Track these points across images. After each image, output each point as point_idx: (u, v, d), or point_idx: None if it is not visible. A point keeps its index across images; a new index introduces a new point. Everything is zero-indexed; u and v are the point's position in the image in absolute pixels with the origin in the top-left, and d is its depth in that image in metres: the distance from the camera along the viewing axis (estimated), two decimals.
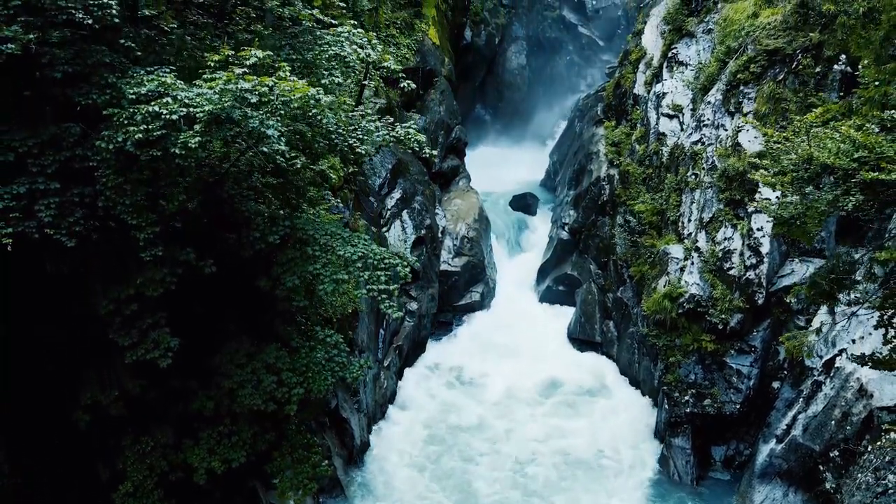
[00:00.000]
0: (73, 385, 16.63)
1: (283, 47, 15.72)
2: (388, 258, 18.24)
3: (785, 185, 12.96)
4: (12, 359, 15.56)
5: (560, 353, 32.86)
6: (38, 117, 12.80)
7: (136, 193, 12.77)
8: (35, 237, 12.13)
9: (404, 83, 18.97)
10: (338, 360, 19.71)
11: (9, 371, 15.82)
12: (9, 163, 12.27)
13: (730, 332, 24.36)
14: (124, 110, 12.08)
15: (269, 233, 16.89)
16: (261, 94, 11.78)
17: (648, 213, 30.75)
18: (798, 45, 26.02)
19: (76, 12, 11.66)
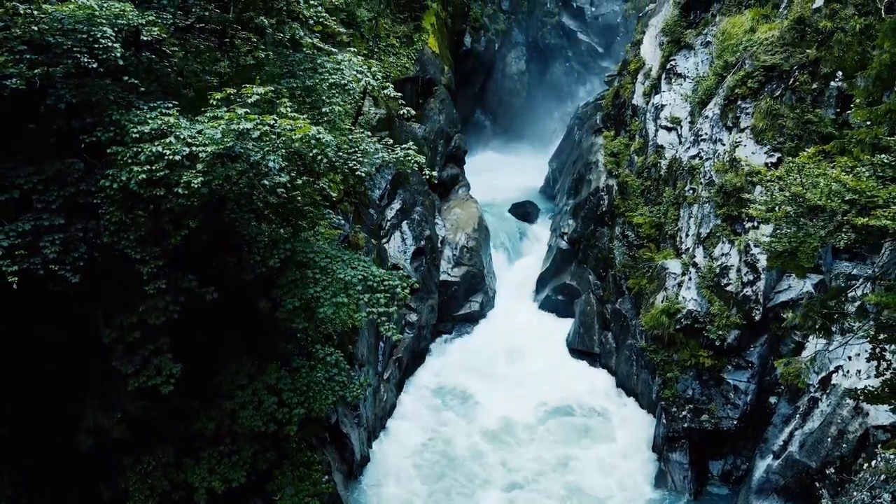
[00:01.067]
0: (76, 407, 16.79)
1: (283, 75, 15.87)
2: (387, 279, 18.41)
3: (779, 219, 13.12)
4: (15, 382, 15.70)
5: (559, 365, 33.00)
6: (43, 152, 12.98)
7: (140, 228, 12.95)
8: (40, 273, 12.31)
9: (403, 110, 18.99)
10: (338, 378, 19.91)
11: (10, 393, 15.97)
12: (14, 199, 12.44)
13: (727, 348, 24.53)
14: (128, 149, 12.25)
15: (269, 256, 17.06)
16: (262, 133, 11.93)
17: (647, 225, 30.93)
18: (795, 62, 26.17)
19: (81, 56, 11.83)
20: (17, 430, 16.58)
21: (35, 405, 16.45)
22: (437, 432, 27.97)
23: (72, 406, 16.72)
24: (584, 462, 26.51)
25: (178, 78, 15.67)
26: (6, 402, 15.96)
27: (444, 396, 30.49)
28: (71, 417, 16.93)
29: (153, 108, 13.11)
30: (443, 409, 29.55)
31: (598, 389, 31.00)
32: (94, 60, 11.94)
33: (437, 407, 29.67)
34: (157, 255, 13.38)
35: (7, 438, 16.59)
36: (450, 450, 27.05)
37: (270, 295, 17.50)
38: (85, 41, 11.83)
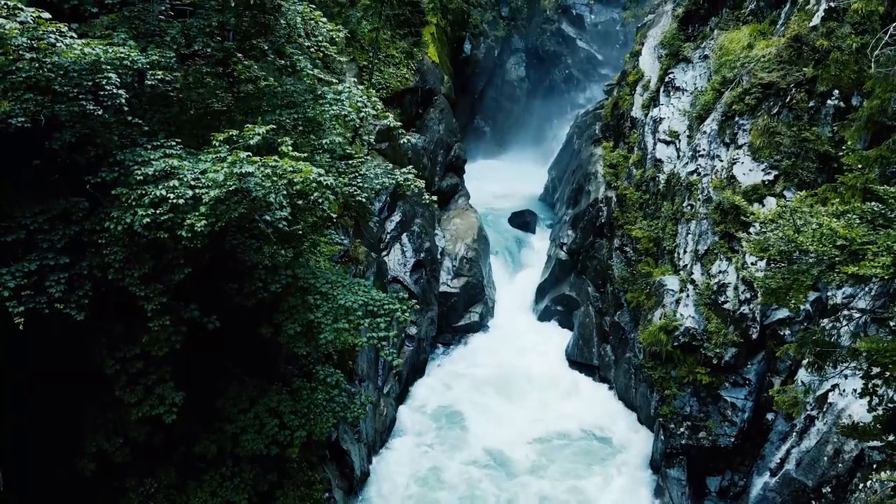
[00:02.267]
0: (78, 433, 16.96)
1: (284, 105, 16.04)
2: (387, 303, 18.59)
3: (772, 257, 13.30)
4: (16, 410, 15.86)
5: (558, 378, 33.14)
6: (48, 188, 13.16)
7: (144, 266, 13.14)
8: (45, 312, 12.50)
9: (404, 139, 19.16)
10: (339, 399, 20.13)
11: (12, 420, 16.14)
12: (20, 239, 12.63)
13: (724, 365, 24.69)
14: (132, 190, 12.44)
15: (270, 282, 17.24)
16: (265, 176, 12.10)
17: (645, 239, 31.09)
18: (792, 80, 26.30)
19: (87, 104, 12.01)
20: (19, 455, 16.75)
21: (37, 431, 16.62)
22: (438, 451, 28.06)
23: (74, 431, 16.89)
24: (582, 478, 26.67)
25: (179, 107, 15.82)
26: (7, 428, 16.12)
27: (442, 412, 30.54)
28: (73, 442, 17.11)
29: (157, 146, 13.29)
30: (442, 425, 29.63)
31: (596, 403, 31.17)
32: (99, 108, 12.13)
33: (437, 422, 29.79)
34: (161, 291, 13.58)
35: (9, 462, 16.78)
36: (449, 467, 27.15)
37: (272, 320, 17.68)
38: (90, 88, 12.02)
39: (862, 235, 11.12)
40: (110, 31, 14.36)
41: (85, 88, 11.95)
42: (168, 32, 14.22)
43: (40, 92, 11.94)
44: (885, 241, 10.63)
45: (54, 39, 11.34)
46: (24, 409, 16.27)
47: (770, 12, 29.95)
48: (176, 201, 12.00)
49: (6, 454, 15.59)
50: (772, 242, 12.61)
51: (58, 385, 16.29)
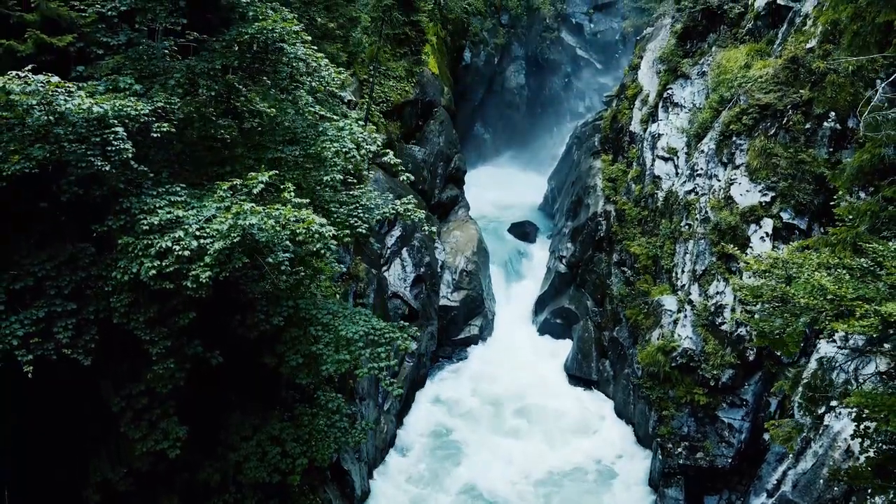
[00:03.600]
0: (83, 464, 17.19)
1: (286, 141, 16.28)
2: (388, 332, 18.78)
3: (765, 303, 13.52)
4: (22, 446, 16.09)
5: (557, 394, 33.32)
6: (55, 231, 13.40)
7: (149, 311, 13.38)
8: (53, 358, 12.75)
9: (403, 177, 19.39)
10: (339, 425, 20.35)
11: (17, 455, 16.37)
12: (28, 287, 12.88)
13: (721, 386, 24.94)
14: (139, 240, 12.69)
15: (272, 314, 17.46)
16: (268, 227, 12.35)
17: (644, 256, 31.33)
18: (789, 101, 26.51)
19: (94, 159, 12.25)
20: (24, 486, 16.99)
21: (42, 464, 16.84)
22: (437, 469, 28.26)
23: (79, 463, 17.12)
24: (580, 495, 26.91)
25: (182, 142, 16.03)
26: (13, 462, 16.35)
27: (439, 438, 30.44)
28: (78, 473, 17.34)
29: (161, 194, 13.52)
30: (441, 445, 29.69)
31: (595, 420, 31.39)
32: (107, 163, 12.37)
33: (436, 440, 29.98)
34: (166, 335, 13.82)
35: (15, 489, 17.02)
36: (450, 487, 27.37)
37: (274, 351, 17.91)
38: (98, 144, 12.26)
39: (852, 291, 11.36)
40: (115, 74, 14.60)
41: (93, 144, 12.20)
42: (173, 75, 14.44)
43: (48, 142, 12.16)
44: (874, 295, 10.86)
45: (63, 100, 11.55)
46: (28, 447, 16.49)
47: (767, 32, 30.16)
48: (181, 253, 12.26)
49: (11, 487, 15.83)
50: (764, 291, 12.87)
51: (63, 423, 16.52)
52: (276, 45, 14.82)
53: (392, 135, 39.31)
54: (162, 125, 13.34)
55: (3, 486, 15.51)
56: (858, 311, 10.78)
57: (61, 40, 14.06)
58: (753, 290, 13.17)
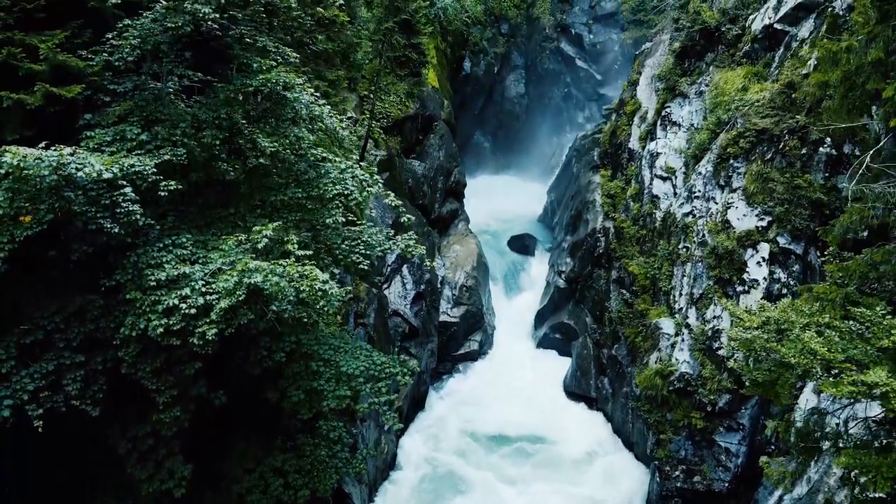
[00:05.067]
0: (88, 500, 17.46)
1: (288, 184, 16.56)
2: (389, 366, 19.07)
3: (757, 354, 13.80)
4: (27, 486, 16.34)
5: (556, 411, 33.58)
6: (63, 281, 13.68)
7: (156, 361, 13.68)
8: (62, 410, 13.03)
9: (404, 218, 19.66)
10: (340, 455, 20.63)
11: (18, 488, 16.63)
12: (38, 340, 13.16)
13: (718, 411, 25.23)
14: (146, 296, 12.97)
15: (275, 350, 17.72)
16: (272, 284, 12.65)
17: (642, 276, 31.60)
18: (785, 126, 26.79)
19: (104, 221, 12.52)
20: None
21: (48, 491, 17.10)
22: (437, 491, 28.51)
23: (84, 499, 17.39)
24: None
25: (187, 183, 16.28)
26: None
27: (440, 460, 30.61)
28: None
29: (168, 246, 13.78)
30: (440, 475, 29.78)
31: (594, 439, 31.61)
32: (116, 225, 12.65)
33: (435, 466, 30.11)
34: (172, 384, 14.11)
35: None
36: None
37: (277, 386, 18.19)
38: (108, 206, 12.54)
39: (840, 352, 11.64)
40: (122, 122, 14.87)
41: (102, 206, 12.48)
42: (179, 125, 14.71)
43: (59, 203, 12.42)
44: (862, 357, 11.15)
45: (75, 168, 11.82)
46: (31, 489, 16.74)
47: (764, 55, 30.41)
48: (188, 311, 12.55)
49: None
50: (757, 344, 13.16)
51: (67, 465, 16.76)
52: (280, 93, 15.09)
53: (392, 150, 39.55)
54: (169, 183, 13.60)
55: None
56: (846, 378, 11.06)
57: (69, 91, 14.32)
58: (747, 343, 13.47)
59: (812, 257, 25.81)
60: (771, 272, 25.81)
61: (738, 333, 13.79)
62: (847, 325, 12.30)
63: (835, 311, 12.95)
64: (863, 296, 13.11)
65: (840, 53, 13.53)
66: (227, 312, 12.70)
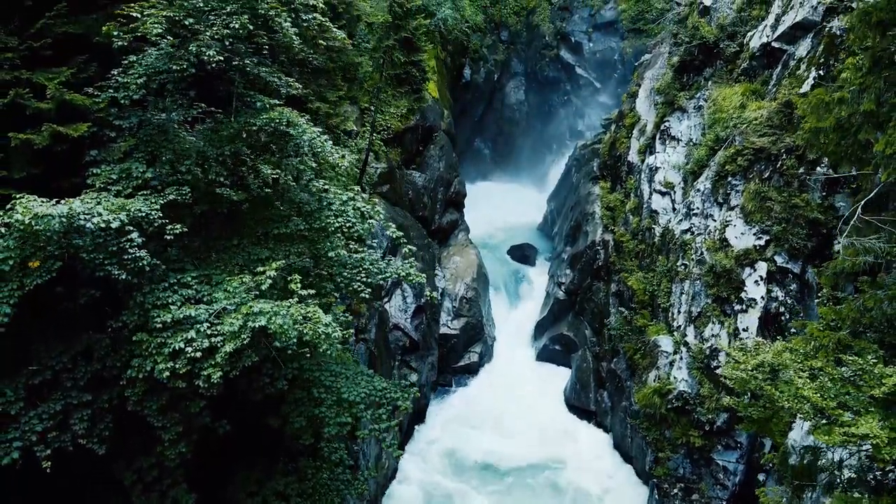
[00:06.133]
0: None
1: (291, 216, 16.78)
2: (390, 392, 19.31)
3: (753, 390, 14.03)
4: None
5: (556, 424, 33.80)
6: (71, 325, 13.91)
7: (161, 398, 13.91)
8: (70, 450, 13.27)
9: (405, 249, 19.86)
10: (342, 478, 20.88)
11: None
12: (46, 380, 13.40)
13: (716, 429, 25.46)
14: (153, 338, 13.21)
15: (277, 377, 17.95)
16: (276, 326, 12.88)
17: (641, 292, 31.82)
18: (783, 146, 27.00)
19: (112, 267, 12.76)
20: None
21: None
22: None
23: None
24: None
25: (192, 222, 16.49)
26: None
27: (440, 467, 30.93)
28: None
29: (173, 286, 14.00)
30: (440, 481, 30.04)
31: (593, 453, 31.83)
32: (123, 271, 12.89)
33: (435, 478, 30.32)
34: (177, 420, 14.34)
35: None
36: None
37: (279, 412, 18.42)
38: (115, 253, 12.77)
39: (832, 398, 11.87)
40: (127, 158, 15.09)
41: (110, 254, 12.70)
42: (184, 163, 14.93)
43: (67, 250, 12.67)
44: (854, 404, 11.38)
45: (83, 220, 12.04)
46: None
47: (762, 72, 30.62)
48: (193, 354, 12.78)
49: None
50: (752, 384, 13.39)
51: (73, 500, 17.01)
52: (283, 130, 15.31)
53: (393, 162, 39.77)
54: (175, 227, 13.82)
55: None
56: (838, 429, 11.29)
57: (76, 130, 14.54)
58: (742, 383, 13.70)
59: (809, 276, 26.01)
60: (769, 291, 26.02)
61: (734, 372, 14.02)
62: (839, 371, 12.53)
63: (828, 356, 13.18)
64: (855, 338, 13.36)
65: (833, 104, 13.75)
66: (231, 355, 12.93)
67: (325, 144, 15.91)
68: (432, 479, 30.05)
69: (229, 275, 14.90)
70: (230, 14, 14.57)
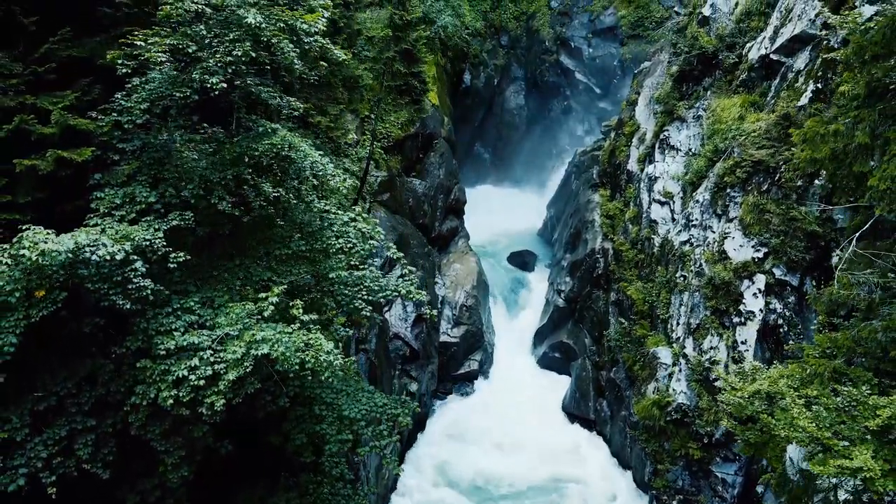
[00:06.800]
0: None
1: (293, 237, 16.94)
2: (390, 407, 19.48)
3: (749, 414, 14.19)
4: None
5: (555, 434, 33.94)
6: (75, 350, 14.06)
7: (164, 423, 14.07)
8: (74, 475, 13.43)
9: (403, 266, 20.03)
10: (342, 493, 20.99)
11: None
12: (51, 406, 13.56)
13: (715, 442, 25.60)
14: (156, 365, 13.37)
15: (279, 395, 18.11)
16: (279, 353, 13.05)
17: (640, 301, 31.96)
18: (781, 158, 27.11)
19: (116, 297, 12.92)
20: None
21: None
22: None
23: None
24: None
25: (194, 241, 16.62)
26: None
27: (440, 480, 31.03)
28: None
29: (176, 311, 14.16)
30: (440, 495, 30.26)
31: (592, 463, 31.98)
32: (127, 301, 13.05)
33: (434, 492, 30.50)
34: (181, 445, 14.50)
35: None
36: None
37: (280, 429, 18.58)
38: (120, 283, 12.93)
39: (827, 427, 12.04)
40: (131, 181, 15.24)
41: (115, 284, 12.86)
42: (187, 187, 15.08)
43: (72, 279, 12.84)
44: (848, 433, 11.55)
45: (89, 253, 12.19)
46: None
47: (761, 84, 30.74)
48: (197, 382, 12.93)
49: None
50: (748, 410, 13.56)
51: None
52: (285, 154, 15.47)
53: (393, 170, 39.96)
54: (178, 255, 13.98)
55: None
56: (832, 461, 11.46)
57: (80, 155, 14.69)
58: (739, 409, 13.86)
59: (808, 287, 26.15)
60: (767, 303, 26.15)
61: (730, 398, 14.18)
62: (835, 401, 12.69)
63: (823, 385, 13.33)
64: (850, 366, 13.52)
65: (828, 136, 13.89)
66: (234, 383, 13.09)
67: (325, 167, 16.06)
68: (430, 498, 30.12)
69: (230, 294, 15.06)
70: (233, 41, 14.70)
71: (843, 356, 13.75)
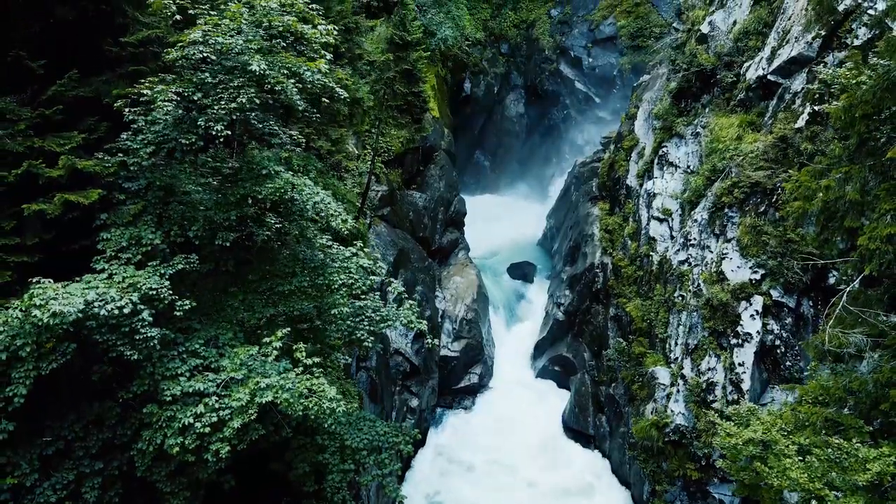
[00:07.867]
0: None
1: (295, 273, 17.19)
2: (392, 436, 19.73)
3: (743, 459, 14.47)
4: None
5: (555, 449, 34.24)
6: (82, 394, 14.32)
7: (170, 464, 14.34)
8: None
9: (404, 300, 20.28)
10: None
11: None
12: (59, 450, 13.83)
13: (713, 462, 25.86)
14: (163, 411, 13.64)
15: (281, 425, 18.38)
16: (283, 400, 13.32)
17: (639, 319, 32.21)
18: (778, 180, 27.35)
19: (124, 348, 13.19)
20: None
21: None
22: None
23: None
24: None
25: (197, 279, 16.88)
26: None
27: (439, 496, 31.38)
28: None
29: (181, 355, 14.42)
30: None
31: (592, 479, 32.25)
32: (135, 352, 13.32)
33: None
34: (186, 485, 14.76)
35: None
36: None
37: (283, 457, 18.85)
38: (127, 334, 13.19)
39: (819, 477, 12.30)
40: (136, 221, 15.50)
41: (122, 335, 13.13)
42: (191, 228, 15.35)
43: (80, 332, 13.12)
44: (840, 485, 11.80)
45: (97, 308, 12.45)
46: None
47: (759, 104, 30.96)
48: (202, 429, 13.19)
49: None
50: (742, 455, 13.81)
51: None
52: (289, 195, 15.74)
53: (394, 184, 40.23)
54: (184, 303, 14.23)
55: None
56: None
57: (87, 198, 14.92)
58: (735, 453, 14.13)
59: (805, 309, 26.43)
60: (764, 325, 26.41)
61: (725, 442, 14.45)
62: (826, 452, 12.95)
63: (815, 434, 13.59)
64: (842, 413, 13.78)
65: (818, 191, 14.13)
66: (238, 430, 13.35)
67: (328, 207, 16.32)
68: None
69: (234, 332, 15.31)
70: (237, 87, 14.96)
71: (835, 405, 14.02)
